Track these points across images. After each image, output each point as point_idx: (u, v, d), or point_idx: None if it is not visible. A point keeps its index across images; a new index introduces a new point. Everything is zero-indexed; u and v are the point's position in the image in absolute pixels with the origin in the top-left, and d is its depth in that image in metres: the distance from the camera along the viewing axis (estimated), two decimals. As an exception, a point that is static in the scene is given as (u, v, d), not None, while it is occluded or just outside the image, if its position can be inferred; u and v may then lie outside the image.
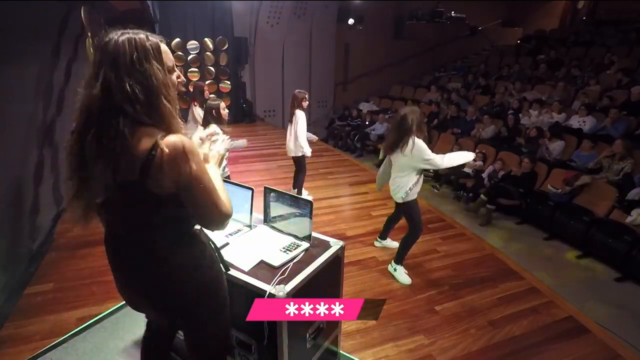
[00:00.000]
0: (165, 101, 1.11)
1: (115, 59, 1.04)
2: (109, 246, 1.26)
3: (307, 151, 4.29)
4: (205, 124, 3.30)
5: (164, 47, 1.17)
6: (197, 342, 1.42)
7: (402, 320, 2.63)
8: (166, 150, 1.04)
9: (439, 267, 3.32)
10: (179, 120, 1.16)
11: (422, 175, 3.00)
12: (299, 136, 4.19)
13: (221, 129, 3.12)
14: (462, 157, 2.98)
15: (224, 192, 1.22)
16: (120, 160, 1.04)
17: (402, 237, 3.15)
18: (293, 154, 4.38)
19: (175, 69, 1.22)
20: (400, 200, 2.99)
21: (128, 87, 1.04)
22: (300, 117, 4.22)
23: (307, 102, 4.31)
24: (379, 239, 3.62)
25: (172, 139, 1.07)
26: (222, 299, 1.39)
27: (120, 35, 1.07)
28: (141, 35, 1.10)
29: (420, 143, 2.82)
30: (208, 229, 1.24)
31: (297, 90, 4.37)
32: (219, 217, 1.18)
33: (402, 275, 3.11)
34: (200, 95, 4.73)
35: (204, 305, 1.32)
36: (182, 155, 1.07)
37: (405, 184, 2.91)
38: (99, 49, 1.07)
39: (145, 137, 1.06)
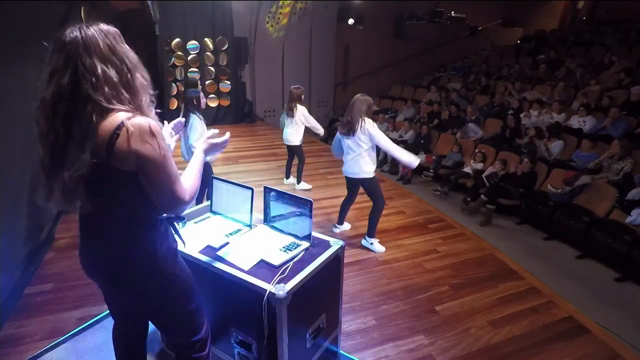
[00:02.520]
0: (140, 78, 1.17)
1: (87, 46, 1.08)
2: (80, 223, 1.30)
3: (322, 130, 4.84)
4: (186, 113, 3.35)
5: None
6: (164, 326, 1.47)
7: (402, 320, 2.64)
8: (131, 128, 1.08)
9: (439, 267, 3.32)
10: (152, 103, 1.22)
11: (375, 151, 3.31)
12: (307, 117, 4.66)
13: (198, 116, 3.36)
14: (406, 156, 3.24)
15: (193, 180, 1.29)
16: (88, 143, 1.08)
17: (369, 214, 3.47)
18: (291, 143, 4.80)
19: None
20: (359, 176, 3.31)
21: (100, 72, 1.08)
22: (304, 110, 4.66)
23: (304, 96, 4.75)
24: (337, 225, 3.81)
25: (138, 119, 1.11)
26: (185, 282, 1.40)
27: (84, 29, 1.10)
28: (102, 24, 1.15)
29: (370, 121, 3.18)
30: (162, 211, 1.27)
31: (293, 87, 4.71)
32: (173, 204, 1.21)
33: (378, 246, 3.50)
34: (196, 106, 3.56)
35: (165, 290, 1.34)
36: (147, 134, 1.11)
37: (364, 162, 3.24)
38: (66, 44, 1.09)
39: (113, 119, 1.09)
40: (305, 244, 1.83)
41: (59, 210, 3.88)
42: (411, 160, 3.21)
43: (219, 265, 1.67)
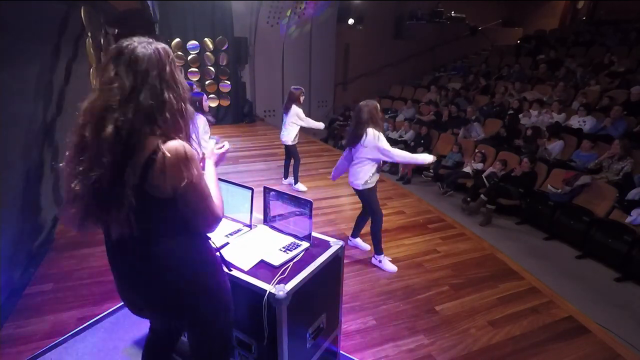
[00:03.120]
0: (189, 107, 1.17)
1: (161, 72, 1.08)
2: (109, 250, 1.26)
3: (322, 125, 4.91)
4: None
5: None
6: (199, 344, 1.42)
7: (402, 320, 2.63)
8: (168, 154, 1.05)
9: (439, 267, 3.32)
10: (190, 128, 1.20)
11: (380, 165, 3.16)
12: (306, 122, 4.72)
13: (207, 119, 3.42)
14: (420, 158, 3.12)
15: (217, 195, 1.27)
16: (129, 163, 1.04)
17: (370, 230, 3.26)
18: (284, 143, 4.87)
19: None
20: (359, 188, 3.14)
21: (167, 97, 1.07)
22: (299, 111, 4.69)
23: (303, 97, 4.80)
24: (350, 238, 3.60)
25: (173, 143, 1.08)
26: (224, 300, 1.39)
27: (152, 44, 1.11)
28: (161, 44, 1.15)
29: (374, 132, 2.99)
30: (199, 230, 1.26)
31: (293, 87, 4.74)
32: (211, 222, 1.22)
33: (387, 264, 3.24)
34: (199, 109, 3.80)
35: (205, 307, 1.32)
36: (183, 160, 1.08)
37: (365, 172, 3.09)
38: (137, 61, 1.06)
39: (147, 144, 1.06)
40: (305, 244, 1.83)
41: (59, 210, 3.88)
42: (425, 158, 3.11)
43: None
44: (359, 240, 3.59)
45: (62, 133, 3.87)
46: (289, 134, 4.77)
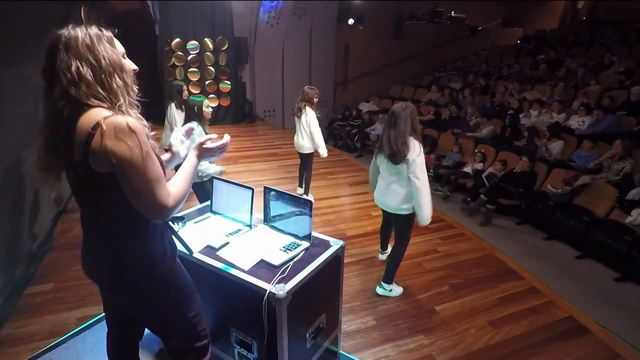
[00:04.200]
0: (118, 79, 1.14)
1: (67, 44, 1.08)
2: (81, 222, 1.31)
3: (324, 152, 4.29)
4: (188, 122, 3.08)
5: (116, 40, 1.20)
6: (161, 332, 1.46)
7: (402, 320, 2.63)
8: (104, 127, 1.06)
9: (439, 267, 3.32)
10: (136, 104, 1.20)
11: None
12: (315, 136, 4.20)
13: (203, 129, 3.03)
14: (428, 205, 2.59)
15: (180, 186, 1.22)
16: (67, 139, 1.09)
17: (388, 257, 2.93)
18: (302, 151, 4.39)
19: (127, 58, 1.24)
20: (405, 212, 2.66)
21: (74, 69, 1.07)
22: (312, 115, 4.21)
23: (317, 99, 4.32)
24: (382, 252, 3.39)
25: (117, 118, 1.09)
26: (182, 289, 1.38)
27: (70, 28, 1.11)
28: (93, 27, 1.15)
29: (417, 145, 2.52)
30: (145, 216, 1.19)
31: (307, 87, 4.33)
32: (153, 207, 1.14)
33: (396, 290, 2.91)
34: (178, 96, 4.17)
35: (159, 297, 1.32)
36: (123, 131, 1.07)
37: (410, 193, 2.58)
38: (52, 39, 1.10)
39: (91, 117, 1.08)
40: (305, 244, 1.83)
41: (59, 210, 3.88)
42: (425, 219, 2.61)
43: (219, 265, 1.67)
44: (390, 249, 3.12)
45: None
46: (306, 140, 4.27)
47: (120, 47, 1.20)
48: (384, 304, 2.80)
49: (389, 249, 3.19)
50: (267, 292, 1.50)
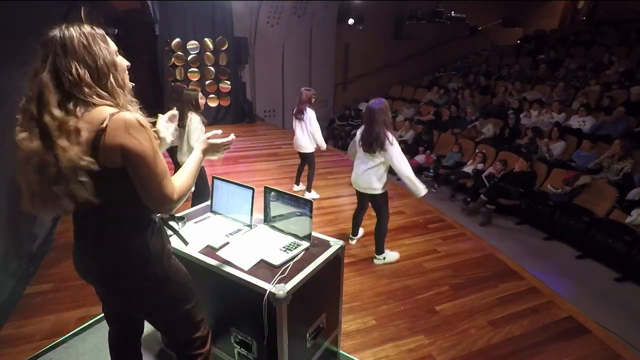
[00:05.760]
0: (112, 79, 1.16)
1: (64, 45, 1.09)
2: (73, 222, 1.30)
3: (323, 145, 4.55)
4: (184, 113, 3.31)
5: (108, 37, 1.21)
6: (161, 326, 1.47)
7: (402, 320, 2.63)
8: (114, 123, 1.08)
9: (439, 267, 3.32)
10: (133, 100, 1.22)
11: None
12: (315, 134, 4.41)
13: (201, 119, 3.34)
14: (420, 186, 3.00)
15: (185, 181, 1.25)
16: (76, 138, 1.08)
17: (374, 231, 3.28)
18: (303, 150, 4.55)
19: (119, 54, 1.25)
20: (379, 192, 3.10)
21: (74, 70, 1.08)
22: (312, 114, 4.40)
23: (314, 99, 4.51)
24: (352, 237, 3.66)
25: (125, 114, 1.11)
26: (179, 281, 1.39)
27: (64, 28, 1.11)
28: (85, 25, 1.16)
29: (390, 135, 2.92)
30: (150, 209, 1.25)
31: (304, 88, 4.50)
32: (160, 200, 1.18)
33: (390, 255, 3.32)
34: (194, 106, 3.80)
35: (159, 291, 1.33)
36: (134, 127, 1.10)
37: (380, 176, 3.07)
38: (46, 42, 1.11)
39: (98, 114, 1.10)
40: (305, 244, 1.82)
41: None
42: (420, 191, 2.98)
43: (219, 265, 1.67)
44: (360, 232, 3.69)
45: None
46: (308, 141, 4.43)
47: (112, 45, 1.20)
48: (384, 304, 2.80)
49: (360, 233, 3.69)
50: (267, 292, 1.50)
